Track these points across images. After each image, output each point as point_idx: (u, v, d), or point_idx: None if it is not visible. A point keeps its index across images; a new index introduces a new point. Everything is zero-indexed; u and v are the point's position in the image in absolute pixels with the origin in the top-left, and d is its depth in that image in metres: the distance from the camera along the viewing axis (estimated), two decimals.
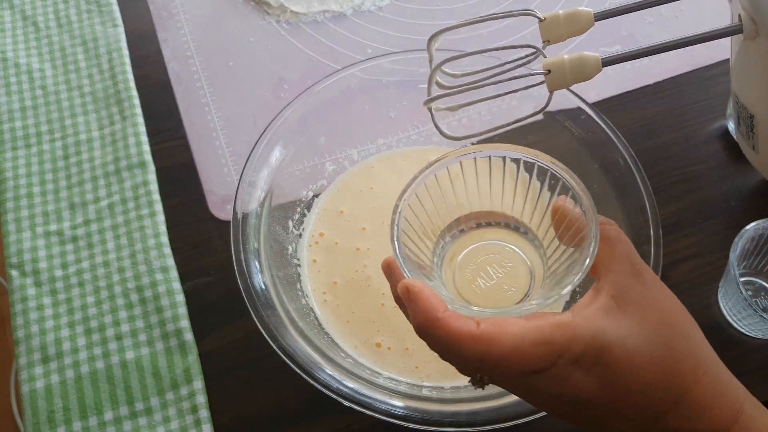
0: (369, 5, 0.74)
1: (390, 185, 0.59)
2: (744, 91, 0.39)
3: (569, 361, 0.32)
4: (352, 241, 0.56)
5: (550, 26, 0.38)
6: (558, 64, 0.37)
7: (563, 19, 0.38)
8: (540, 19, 0.38)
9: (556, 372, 0.32)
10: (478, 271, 0.40)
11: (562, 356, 0.31)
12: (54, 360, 0.52)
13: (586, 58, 0.37)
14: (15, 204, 0.60)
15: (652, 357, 0.32)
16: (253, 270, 0.48)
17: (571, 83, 0.38)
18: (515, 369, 0.32)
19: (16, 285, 0.55)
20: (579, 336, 0.32)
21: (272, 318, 0.46)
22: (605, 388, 0.32)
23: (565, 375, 0.32)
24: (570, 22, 0.38)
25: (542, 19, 0.38)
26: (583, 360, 0.32)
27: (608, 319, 0.32)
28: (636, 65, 0.70)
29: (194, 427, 0.50)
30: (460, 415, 0.44)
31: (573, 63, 0.37)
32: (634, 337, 0.32)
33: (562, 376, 0.32)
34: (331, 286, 0.54)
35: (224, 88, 0.68)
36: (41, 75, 0.67)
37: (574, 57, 0.37)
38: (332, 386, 0.44)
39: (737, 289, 0.49)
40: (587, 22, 0.38)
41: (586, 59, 0.37)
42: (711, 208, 0.61)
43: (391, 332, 0.52)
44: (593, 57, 0.37)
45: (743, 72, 0.38)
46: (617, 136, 0.54)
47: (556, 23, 0.38)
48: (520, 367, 0.32)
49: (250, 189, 0.52)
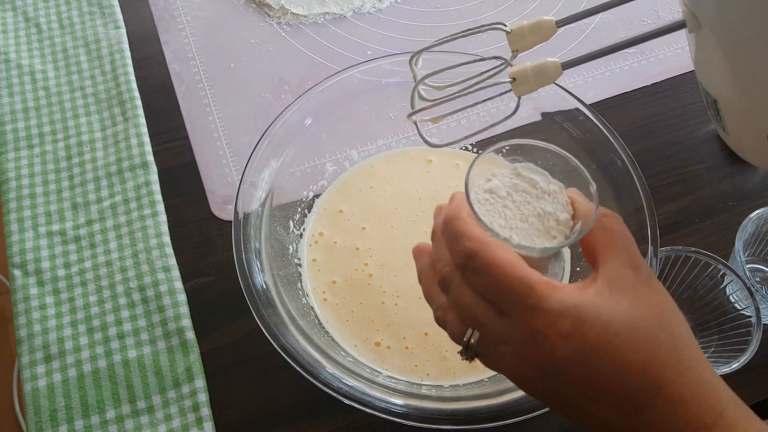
0: (369, 7, 0.75)
1: (390, 185, 0.60)
2: (704, 77, 0.42)
3: (544, 316, 0.32)
4: (352, 241, 0.57)
5: (516, 37, 0.41)
6: (521, 72, 0.40)
7: (527, 30, 0.41)
8: (507, 32, 0.41)
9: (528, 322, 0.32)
10: None
11: (537, 307, 0.32)
12: (56, 359, 0.53)
13: (546, 65, 0.40)
14: (18, 204, 0.60)
15: (633, 343, 0.32)
16: (254, 269, 0.49)
17: (536, 88, 0.41)
18: (489, 285, 0.33)
19: (18, 284, 0.56)
20: (562, 298, 0.32)
21: (273, 317, 0.47)
22: (579, 363, 0.32)
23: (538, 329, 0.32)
24: (534, 32, 0.41)
25: (509, 31, 0.41)
26: (560, 322, 0.32)
27: (596, 298, 0.33)
28: (634, 66, 0.71)
29: (196, 425, 0.50)
30: (458, 414, 0.44)
31: (535, 70, 0.40)
32: (617, 322, 0.32)
33: (535, 329, 0.32)
34: (330, 285, 0.54)
35: (225, 89, 0.68)
36: (44, 76, 0.68)
37: (536, 64, 0.40)
38: (332, 385, 0.44)
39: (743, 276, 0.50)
40: (550, 29, 0.41)
41: (547, 65, 0.40)
42: (708, 208, 0.61)
43: (391, 331, 0.52)
44: (553, 62, 0.40)
45: (701, 61, 0.41)
46: (615, 137, 0.54)
47: (521, 34, 0.41)
48: (493, 285, 0.33)
49: (251, 189, 0.52)
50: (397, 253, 0.56)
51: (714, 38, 0.37)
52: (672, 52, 0.72)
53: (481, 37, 0.72)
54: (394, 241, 0.56)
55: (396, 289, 0.54)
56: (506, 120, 0.42)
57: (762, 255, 0.58)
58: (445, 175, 0.60)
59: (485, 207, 0.38)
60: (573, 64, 0.41)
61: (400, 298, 0.54)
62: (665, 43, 0.72)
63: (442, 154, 0.62)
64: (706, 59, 0.40)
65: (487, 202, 0.39)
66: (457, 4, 0.76)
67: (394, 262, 0.55)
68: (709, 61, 0.39)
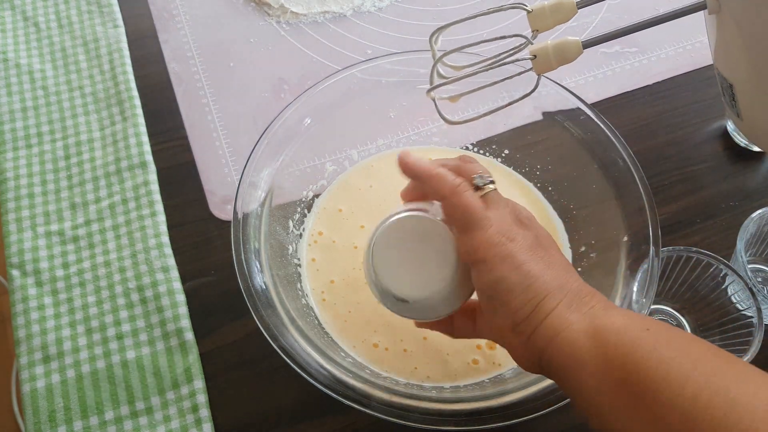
0: (369, 6, 0.75)
1: (390, 183, 0.59)
2: (721, 62, 0.43)
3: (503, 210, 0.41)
4: (350, 240, 0.56)
5: (537, 16, 0.42)
6: (542, 49, 0.41)
7: (549, 9, 0.42)
8: (528, 11, 0.42)
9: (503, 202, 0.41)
10: None
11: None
12: (55, 359, 0.52)
13: (567, 42, 0.41)
14: (16, 204, 0.60)
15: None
16: (254, 270, 0.49)
17: (556, 66, 0.42)
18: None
19: (17, 285, 0.55)
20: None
21: (272, 318, 0.46)
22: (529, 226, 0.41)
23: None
24: (555, 12, 0.42)
25: (530, 11, 0.42)
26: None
27: None
28: (635, 66, 0.70)
29: (195, 426, 0.50)
30: (459, 415, 0.44)
31: (556, 47, 0.41)
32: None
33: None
34: (329, 285, 0.54)
35: (225, 88, 0.68)
36: (42, 75, 0.68)
37: (557, 42, 0.41)
38: (332, 385, 0.44)
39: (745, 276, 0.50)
40: (571, 9, 0.42)
41: (568, 43, 0.41)
42: (710, 208, 0.61)
43: (388, 332, 0.52)
44: (574, 40, 0.41)
45: (718, 45, 0.42)
46: (616, 137, 0.54)
47: (543, 13, 0.42)
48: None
49: (250, 189, 0.52)
50: None
51: (733, 20, 0.38)
52: (673, 51, 0.72)
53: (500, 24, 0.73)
54: None
55: None
56: (525, 98, 0.43)
57: (764, 255, 0.58)
58: None
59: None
60: (594, 43, 0.41)
61: None
62: (667, 43, 0.72)
63: (441, 152, 0.62)
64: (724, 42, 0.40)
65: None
66: (457, 3, 0.76)
67: None
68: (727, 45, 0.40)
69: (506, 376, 0.50)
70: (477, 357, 0.51)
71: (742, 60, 0.39)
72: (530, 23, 0.42)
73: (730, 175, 0.63)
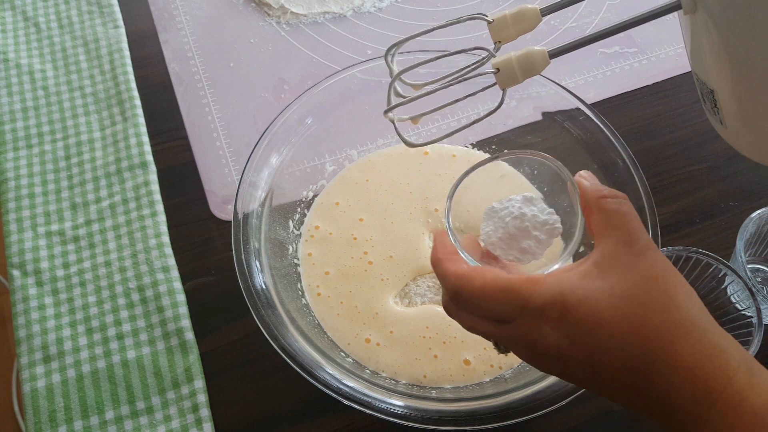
0: (369, 6, 0.75)
1: (387, 176, 0.59)
2: (700, 67, 0.39)
3: (534, 313, 0.34)
4: (348, 231, 0.56)
5: (498, 27, 0.39)
6: (506, 62, 0.38)
7: (510, 19, 0.38)
8: (489, 21, 0.39)
9: (523, 322, 0.34)
10: None
11: (525, 307, 0.34)
12: (55, 359, 0.52)
13: (532, 53, 0.37)
14: (17, 204, 0.60)
15: (624, 313, 0.32)
16: (254, 270, 0.49)
17: (522, 79, 0.38)
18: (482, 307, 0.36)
19: (17, 285, 0.55)
20: (543, 291, 0.34)
21: (272, 317, 0.47)
22: (576, 345, 0.33)
23: (532, 326, 0.34)
24: (517, 21, 0.38)
25: (491, 21, 0.39)
26: (547, 313, 0.33)
27: (582, 281, 0.33)
28: (634, 66, 0.71)
29: (195, 426, 0.50)
30: (459, 414, 0.44)
31: (520, 59, 0.37)
32: (604, 297, 0.33)
33: (530, 327, 0.34)
34: (323, 278, 0.54)
35: (225, 88, 0.68)
36: (42, 76, 0.68)
37: (521, 53, 0.37)
38: (332, 385, 0.44)
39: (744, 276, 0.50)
40: (534, 18, 0.38)
41: (533, 54, 0.37)
42: (709, 209, 0.61)
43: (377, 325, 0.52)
44: (540, 51, 0.37)
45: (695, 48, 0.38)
46: (616, 137, 0.54)
47: (504, 23, 0.38)
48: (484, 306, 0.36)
49: (250, 189, 0.52)
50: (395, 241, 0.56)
51: (711, 20, 0.35)
52: (673, 51, 0.72)
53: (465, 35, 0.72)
54: (393, 231, 0.56)
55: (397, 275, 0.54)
56: (490, 115, 0.40)
57: (763, 255, 0.58)
58: (441, 165, 0.60)
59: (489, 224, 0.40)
60: (561, 53, 0.38)
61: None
62: (666, 43, 0.72)
63: (438, 146, 0.61)
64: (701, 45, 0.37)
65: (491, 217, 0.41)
66: (457, 3, 0.76)
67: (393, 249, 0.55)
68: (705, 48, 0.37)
69: (506, 376, 0.50)
70: (473, 357, 0.51)
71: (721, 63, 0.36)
72: (492, 35, 0.39)
73: (729, 175, 0.63)
